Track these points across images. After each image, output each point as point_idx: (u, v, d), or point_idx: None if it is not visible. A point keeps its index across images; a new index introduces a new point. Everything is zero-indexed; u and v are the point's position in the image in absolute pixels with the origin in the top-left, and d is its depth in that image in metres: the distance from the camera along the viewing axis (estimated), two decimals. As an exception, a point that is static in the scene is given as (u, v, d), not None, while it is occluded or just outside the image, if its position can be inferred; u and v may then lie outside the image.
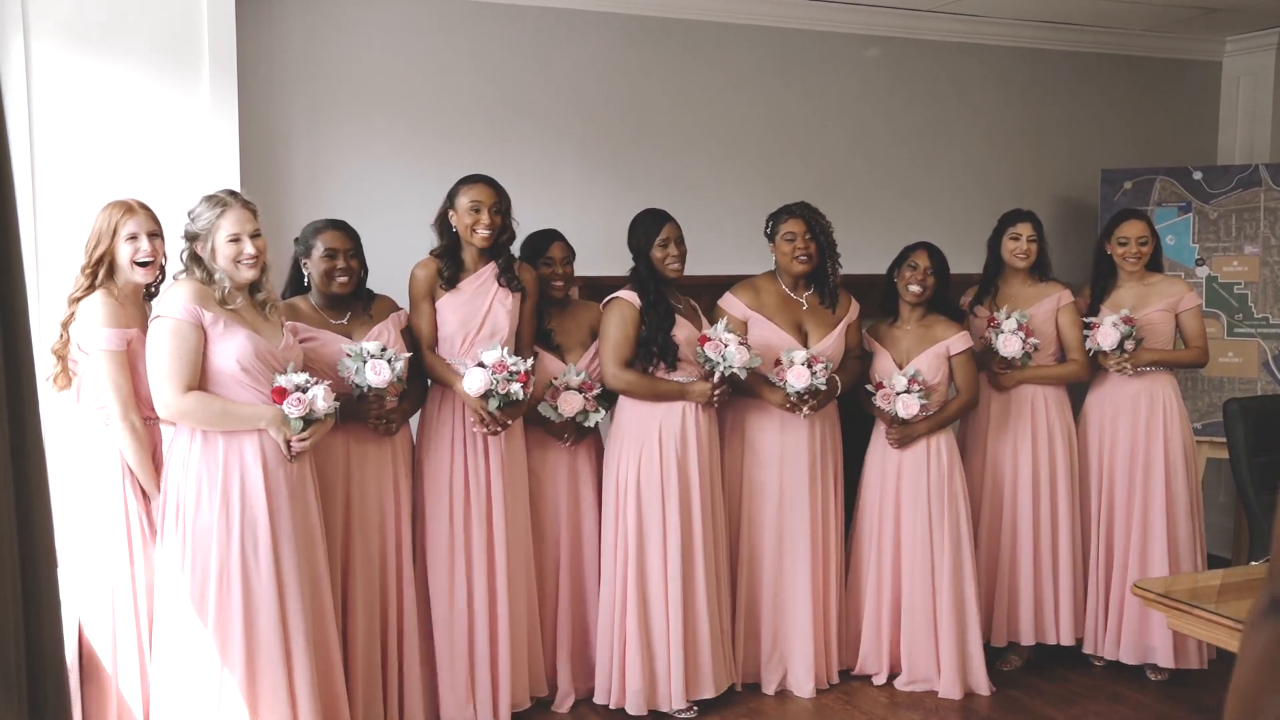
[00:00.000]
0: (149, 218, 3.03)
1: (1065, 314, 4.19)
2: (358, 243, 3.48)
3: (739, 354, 3.63)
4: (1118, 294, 4.18)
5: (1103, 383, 4.20)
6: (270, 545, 2.98)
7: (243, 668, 2.95)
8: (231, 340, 2.96)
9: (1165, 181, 5.22)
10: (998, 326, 4.07)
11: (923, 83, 5.17)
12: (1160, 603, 2.83)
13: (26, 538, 1.40)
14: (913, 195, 5.15)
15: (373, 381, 3.26)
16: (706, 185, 4.73)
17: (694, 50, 4.73)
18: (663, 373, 3.73)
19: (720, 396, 3.75)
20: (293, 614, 3.01)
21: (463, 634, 3.56)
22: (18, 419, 1.40)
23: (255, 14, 3.94)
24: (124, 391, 2.93)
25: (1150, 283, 4.19)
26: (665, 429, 3.71)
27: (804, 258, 3.85)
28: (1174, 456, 4.06)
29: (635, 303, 3.72)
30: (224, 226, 2.97)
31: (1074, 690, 4.04)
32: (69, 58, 3.46)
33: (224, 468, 2.96)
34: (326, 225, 3.46)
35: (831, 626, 3.99)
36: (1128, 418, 4.11)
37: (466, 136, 4.33)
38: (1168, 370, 4.15)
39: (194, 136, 3.60)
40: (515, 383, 3.41)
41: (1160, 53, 5.62)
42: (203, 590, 2.95)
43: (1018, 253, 4.15)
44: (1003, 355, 4.05)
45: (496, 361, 3.42)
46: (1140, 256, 4.13)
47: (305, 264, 3.45)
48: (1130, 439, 4.10)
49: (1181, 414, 4.11)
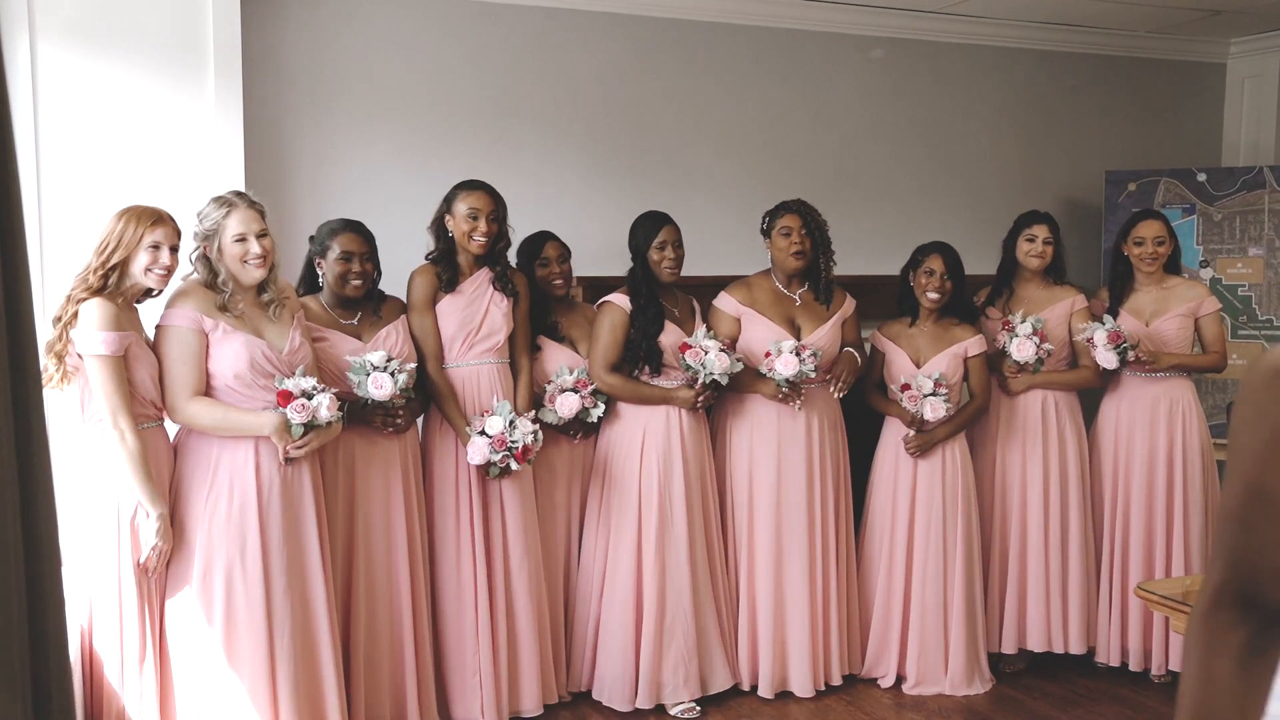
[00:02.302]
0: (175, 230, 2.99)
1: (1079, 319, 4.12)
2: (373, 245, 3.49)
3: (719, 361, 3.68)
4: (1135, 297, 4.12)
5: (1119, 386, 4.13)
6: (259, 549, 3.00)
7: (226, 668, 2.97)
8: (228, 347, 2.98)
9: (1170, 183, 5.21)
10: (1012, 330, 4.02)
11: (926, 84, 5.17)
12: (1164, 605, 2.83)
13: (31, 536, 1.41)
14: (916, 197, 5.15)
15: (375, 395, 3.29)
16: (708, 186, 4.73)
17: (696, 51, 4.73)
18: (648, 377, 3.77)
19: (704, 402, 3.79)
20: (278, 619, 3.02)
21: (471, 635, 3.56)
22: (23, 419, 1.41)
23: (260, 14, 3.95)
24: (115, 399, 2.84)
25: (1169, 286, 4.11)
26: (650, 431, 3.76)
27: (799, 253, 3.85)
28: (1191, 462, 4.01)
29: (625, 307, 3.77)
30: (230, 226, 2.99)
31: (1077, 692, 4.04)
32: (74, 58, 3.47)
33: (215, 469, 2.99)
34: (343, 226, 3.46)
35: (832, 627, 3.98)
36: (1145, 422, 4.05)
37: (468, 137, 4.34)
38: (1186, 375, 4.09)
39: (198, 137, 3.61)
40: (513, 459, 3.47)
41: (1165, 55, 5.62)
42: (189, 589, 2.97)
43: (1033, 254, 4.10)
44: (1016, 360, 4.01)
45: (498, 435, 3.46)
46: (1157, 257, 4.05)
47: (320, 264, 3.46)
48: (1148, 444, 4.05)
49: (1200, 419, 4.05)
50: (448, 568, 3.58)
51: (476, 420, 3.53)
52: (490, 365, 3.62)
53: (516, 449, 3.47)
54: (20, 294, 1.42)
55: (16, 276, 1.41)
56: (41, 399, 1.48)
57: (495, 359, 3.63)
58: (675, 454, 3.76)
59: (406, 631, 3.47)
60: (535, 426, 3.55)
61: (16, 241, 1.41)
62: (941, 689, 3.97)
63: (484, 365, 3.61)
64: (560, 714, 3.80)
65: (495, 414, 3.51)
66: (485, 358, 3.61)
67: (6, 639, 1.32)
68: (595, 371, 3.75)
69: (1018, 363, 4.02)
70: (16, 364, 1.39)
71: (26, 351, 1.42)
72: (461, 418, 3.55)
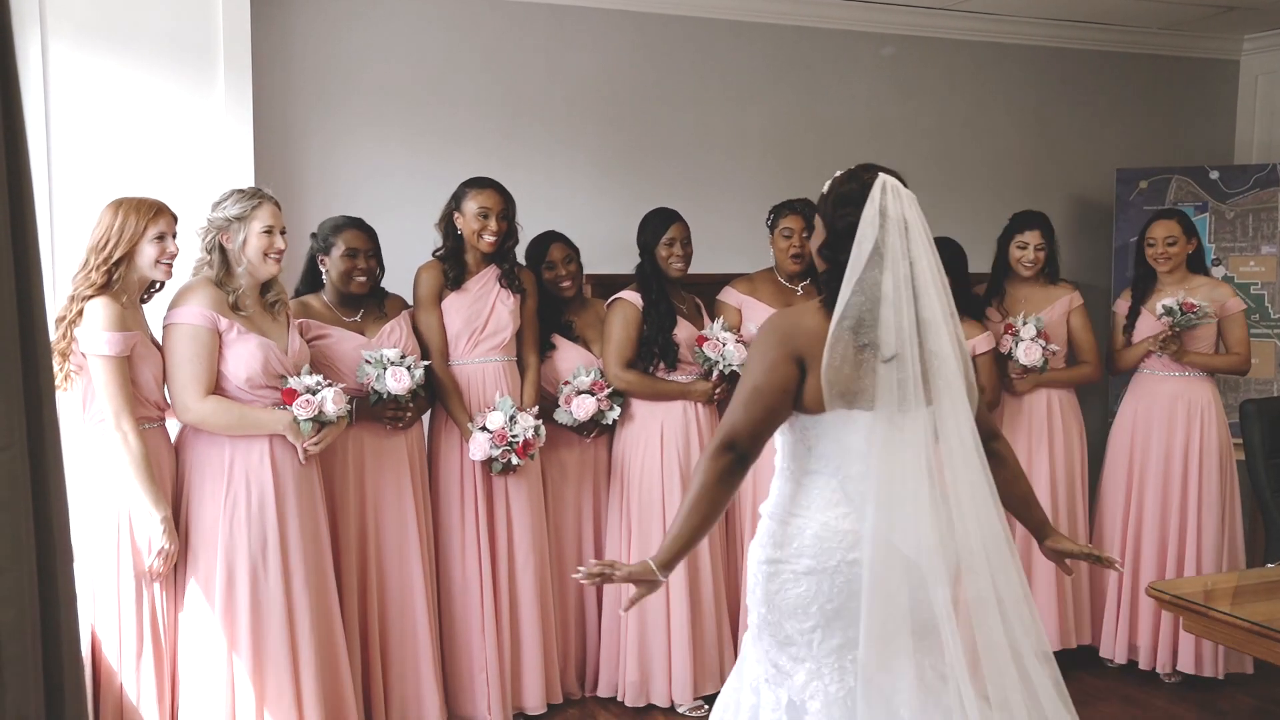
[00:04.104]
0: (173, 217, 3.00)
1: (1077, 316, 4.15)
2: (376, 242, 3.50)
3: (737, 352, 3.70)
4: (1157, 297, 4.09)
5: (1140, 384, 4.12)
6: (279, 545, 3.01)
7: (250, 665, 2.97)
8: (243, 349, 2.99)
9: (1181, 181, 5.19)
10: (1016, 334, 4.01)
11: (936, 81, 5.14)
12: (1175, 604, 2.81)
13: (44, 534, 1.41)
14: (926, 194, 5.05)
15: (393, 389, 3.30)
16: (716, 184, 4.72)
17: (705, 49, 4.71)
18: (663, 372, 3.77)
19: (721, 394, 3.79)
20: (300, 612, 3.04)
21: (477, 632, 3.57)
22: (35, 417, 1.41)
23: (270, 12, 3.95)
24: (119, 399, 2.83)
25: (1192, 286, 4.07)
26: (667, 427, 3.76)
27: (797, 256, 3.86)
28: (1208, 463, 3.97)
29: (638, 303, 3.77)
30: (260, 218, 3.04)
31: (1086, 691, 4.02)
32: (85, 57, 3.47)
33: (231, 468, 2.99)
34: (347, 224, 3.47)
35: None
36: (1163, 421, 4.03)
37: (478, 134, 4.33)
38: (1208, 376, 4.06)
39: (209, 134, 3.62)
40: (514, 454, 3.48)
41: (1177, 51, 5.58)
42: (208, 588, 2.97)
43: (1024, 261, 4.12)
44: (1024, 364, 4.00)
45: (499, 430, 3.47)
46: (1170, 258, 4.03)
47: (323, 260, 3.46)
48: (1165, 444, 4.03)
49: (1220, 421, 4.01)
50: (453, 565, 3.58)
51: (479, 416, 3.53)
52: (496, 363, 3.62)
53: (517, 444, 3.47)
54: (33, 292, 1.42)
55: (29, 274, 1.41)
56: (54, 396, 1.48)
57: (501, 356, 3.64)
58: (695, 448, 3.75)
59: (420, 627, 3.47)
60: (537, 422, 3.54)
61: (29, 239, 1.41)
62: None
63: (490, 363, 3.61)
64: (568, 711, 3.80)
65: (496, 409, 3.52)
66: (491, 355, 3.62)
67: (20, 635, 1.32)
68: (611, 369, 3.74)
69: (1024, 366, 4.01)
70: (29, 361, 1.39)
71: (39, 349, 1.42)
72: (466, 414, 3.55)
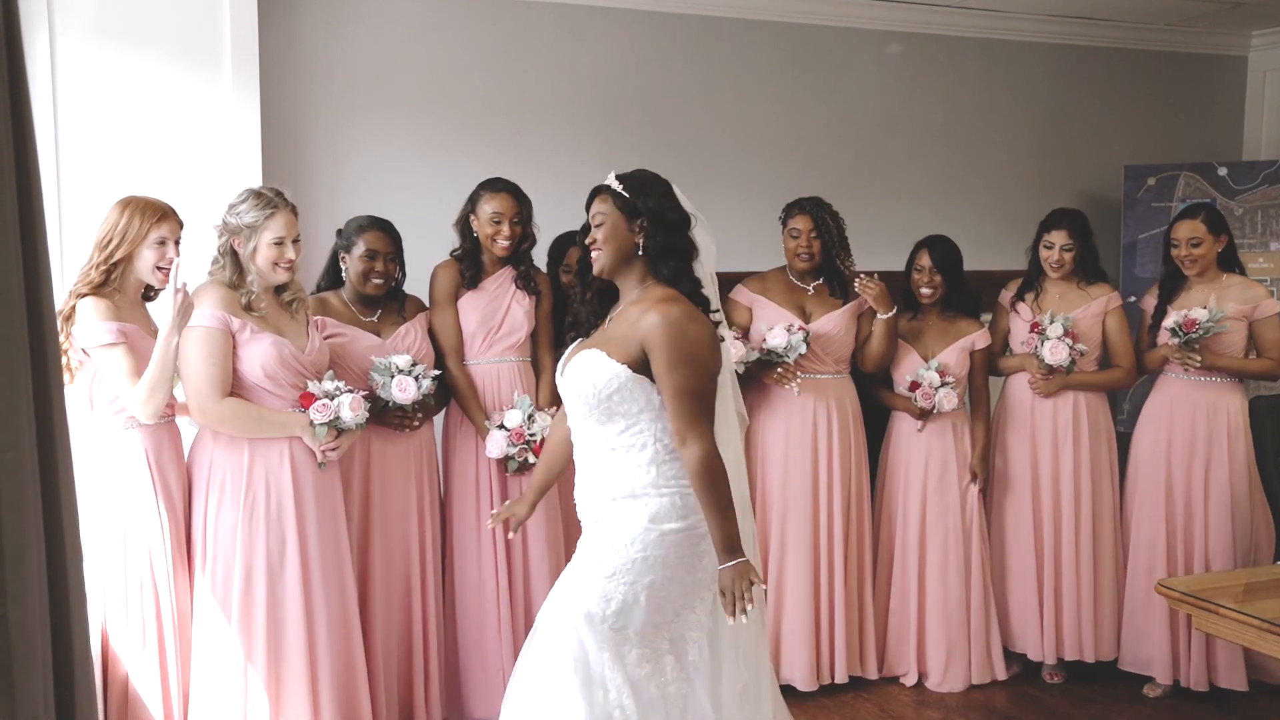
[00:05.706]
0: (179, 223, 2.98)
1: (1113, 317, 3.98)
2: (399, 245, 3.48)
3: (735, 349, 3.68)
4: (1185, 296, 3.90)
5: (1165, 388, 3.95)
6: (298, 548, 3.00)
7: (265, 668, 2.97)
8: (257, 346, 2.97)
9: (1190, 177, 5.17)
10: (1042, 332, 3.89)
11: (944, 78, 5.13)
12: (1185, 602, 2.80)
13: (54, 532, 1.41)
14: (934, 191, 5.12)
15: (399, 399, 3.30)
16: (726, 182, 4.72)
17: (715, 47, 4.71)
18: None
19: None
20: (318, 616, 3.03)
21: (493, 633, 3.55)
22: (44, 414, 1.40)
23: (277, 7, 3.95)
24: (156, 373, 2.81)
25: (1224, 285, 3.88)
26: None
27: (805, 255, 3.86)
28: (1237, 476, 3.84)
29: None
30: (271, 228, 2.97)
31: (1098, 692, 4.00)
32: (93, 51, 3.48)
33: (250, 470, 2.98)
34: (371, 224, 3.45)
35: (837, 623, 3.92)
36: (1185, 429, 3.87)
37: (486, 130, 4.33)
38: (1237, 381, 3.88)
39: (216, 130, 3.61)
40: (530, 452, 3.47)
41: (1185, 47, 5.57)
42: (225, 590, 2.96)
43: (1050, 261, 3.97)
44: (1049, 363, 3.87)
45: (516, 429, 3.47)
46: (1195, 260, 3.84)
47: (344, 258, 3.46)
48: (1187, 453, 3.87)
49: (1246, 431, 3.83)
50: (468, 565, 3.57)
51: (496, 415, 3.53)
52: (511, 363, 3.61)
53: (535, 442, 3.47)
54: (41, 289, 1.41)
55: (38, 271, 1.41)
56: (63, 393, 1.47)
57: (516, 357, 3.63)
58: None
59: (429, 628, 3.47)
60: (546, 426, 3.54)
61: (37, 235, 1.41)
62: (961, 685, 3.96)
63: (504, 363, 3.60)
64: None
65: (515, 407, 3.51)
66: (506, 355, 3.61)
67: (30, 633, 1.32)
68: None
69: (1050, 366, 3.89)
70: (38, 357, 1.39)
71: (48, 345, 1.42)
72: (481, 414, 3.54)
